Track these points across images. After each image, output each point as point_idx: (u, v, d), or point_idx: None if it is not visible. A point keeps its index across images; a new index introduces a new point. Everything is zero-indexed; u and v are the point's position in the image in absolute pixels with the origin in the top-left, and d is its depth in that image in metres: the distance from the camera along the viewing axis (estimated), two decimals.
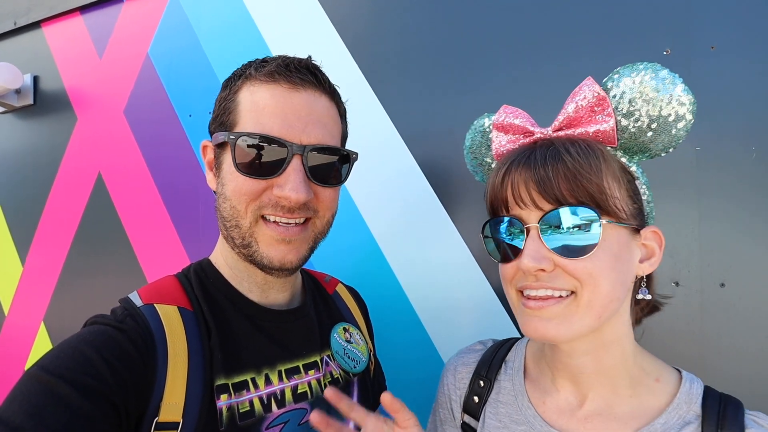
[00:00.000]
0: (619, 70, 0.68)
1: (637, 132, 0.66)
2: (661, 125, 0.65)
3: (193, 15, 1.72)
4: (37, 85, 2.03)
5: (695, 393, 0.68)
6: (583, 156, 0.63)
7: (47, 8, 1.97)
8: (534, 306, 0.66)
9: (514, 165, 0.66)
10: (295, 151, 0.73)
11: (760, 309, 1.00)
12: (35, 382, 0.59)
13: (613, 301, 0.65)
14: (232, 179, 0.75)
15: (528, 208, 0.65)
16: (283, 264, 0.78)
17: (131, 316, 0.70)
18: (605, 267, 0.63)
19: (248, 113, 0.75)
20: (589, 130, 0.67)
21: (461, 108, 1.30)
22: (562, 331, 0.64)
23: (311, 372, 0.84)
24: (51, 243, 1.93)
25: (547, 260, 0.63)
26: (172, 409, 0.67)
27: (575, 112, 0.67)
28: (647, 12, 1.12)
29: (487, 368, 0.85)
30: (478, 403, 0.82)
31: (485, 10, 1.29)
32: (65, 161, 1.93)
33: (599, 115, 0.67)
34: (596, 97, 0.66)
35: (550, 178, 0.62)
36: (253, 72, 0.77)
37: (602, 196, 0.62)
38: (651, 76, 0.64)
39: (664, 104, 0.64)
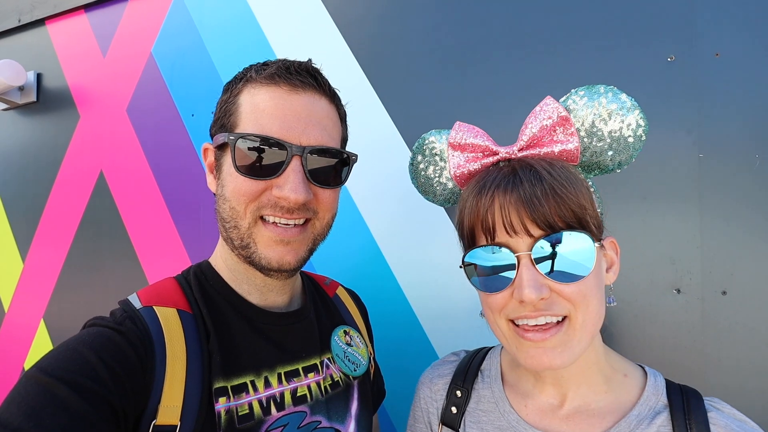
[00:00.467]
0: (579, 91, 0.71)
1: (599, 151, 0.70)
2: (622, 145, 0.69)
3: (197, 14, 1.72)
4: (40, 83, 2.03)
5: (660, 385, 0.72)
6: (564, 177, 0.64)
7: (51, 6, 1.97)
8: (536, 338, 0.65)
9: (499, 189, 0.65)
10: (294, 152, 0.73)
11: (761, 317, 1.00)
12: (34, 383, 0.59)
13: (601, 318, 0.67)
14: (232, 180, 0.76)
15: (518, 235, 0.64)
16: (281, 265, 0.77)
17: (130, 319, 0.70)
18: (594, 287, 0.65)
19: (248, 115, 0.75)
20: (555, 149, 0.69)
21: (463, 110, 1.30)
22: (565, 358, 0.65)
23: (311, 375, 0.84)
24: (52, 241, 1.93)
25: (546, 288, 0.63)
26: (170, 412, 0.66)
27: (540, 131, 0.69)
28: (652, 18, 1.12)
29: (463, 378, 0.85)
30: (456, 414, 0.82)
31: (488, 13, 1.29)
32: (67, 159, 1.93)
33: (563, 135, 0.69)
34: (560, 117, 0.68)
35: (542, 204, 0.62)
36: (253, 75, 0.77)
37: (584, 217, 0.64)
38: (612, 99, 0.68)
39: (624, 126, 0.68)
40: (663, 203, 1.08)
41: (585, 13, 1.18)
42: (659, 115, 1.09)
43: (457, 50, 1.33)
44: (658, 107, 1.09)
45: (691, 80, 1.07)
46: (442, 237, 1.30)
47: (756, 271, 1.01)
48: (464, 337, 1.26)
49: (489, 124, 1.26)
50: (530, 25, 1.24)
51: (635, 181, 1.10)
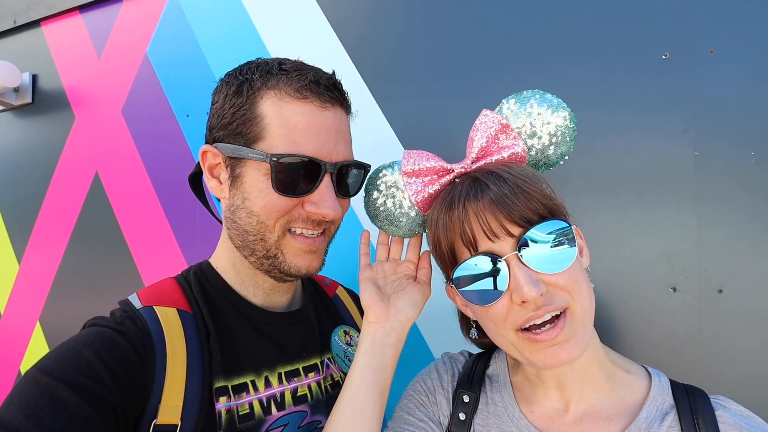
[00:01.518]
0: (509, 99, 0.77)
1: (542, 148, 0.75)
2: (559, 138, 0.75)
3: (192, 16, 1.71)
4: (35, 84, 2.02)
5: (665, 385, 0.73)
6: (523, 173, 0.67)
7: (47, 7, 1.96)
8: (550, 336, 0.64)
9: (468, 198, 0.66)
10: (328, 169, 0.75)
11: (757, 314, 1.01)
12: (34, 384, 0.59)
13: (593, 302, 0.68)
14: (263, 196, 0.74)
15: (500, 239, 0.64)
16: (309, 271, 0.81)
17: (130, 318, 0.70)
18: (580, 271, 0.67)
19: (279, 130, 0.73)
20: (504, 154, 0.74)
21: (460, 112, 1.30)
22: (575, 351, 0.65)
23: (311, 374, 0.84)
24: (47, 242, 1.92)
25: (542, 283, 0.63)
26: (171, 411, 0.67)
27: (487, 141, 0.74)
28: (646, 16, 1.12)
29: (470, 383, 0.84)
30: (464, 420, 0.81)
31: (484, 14, 1.30)
32: (63, 160, 1.92)
33: (507, 140, 0.75)
34: (501, 125, 0.74)
35: (514, 202, 0.63)
36: (280, 84, 0.75)
37: (556, 207, 0.66)
38: (540, 101, 0.75)
39: (558, 121, 0.74)
40: (659, 201, 1.09)
41: (580, 12, 1.19)
42: (654, 113, 1.10)
43: (454, 52, 1.33)
44: (653, 105, 1.10)
45: (685, 78, 1.08)
46: None
47: (752, 269, 1.02)
48: (460, 338, 1.26)
49: None
50: (526, 26, 1.25)
51: (631, 179, 1.11)
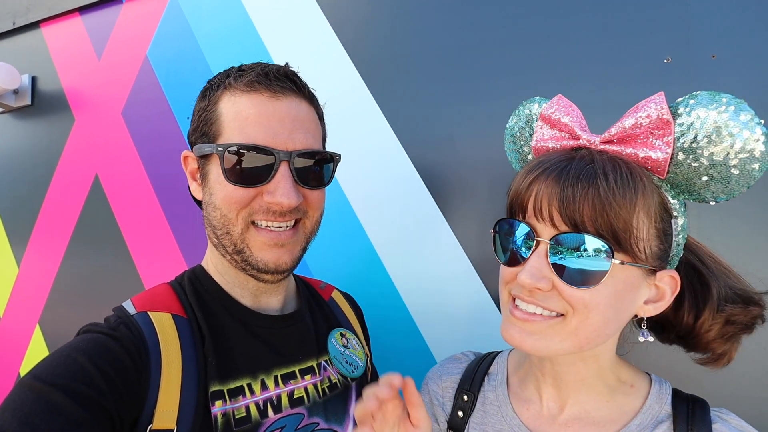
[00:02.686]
0: (698, 95, 0.59)
1: (692, 173, 0.58)
2: (721, 174, 0.56)
3: (193, 17, 1.71)
4: (34, 86, 2.02)
5: (664, 393, 0.71)
6: (620, 186, 0.57)
7: (46, 8, 1.96)
8: (519, 317, 0.65)
9: (544, 174, 0.63)
10: (282, 157, 0.75)
11: None
12: (28, 390, 0.59)
13: (600, 336, 0.64)
14: (221, 188, 0.76)
15: (544, 222, 0.62)
16: (278, 266, 0.79)
17: (124, 324, 0.70)
18: (603, 302, 0.61)
19: (232, 123, 0.76)
20: (639, 153, 0.60)
21: (460, 114, 1.30)
22: (538, 347, 0.64)
23: (307, 377, 0.84)
24: (47, 245, 1.92)
25: (546, 280, 0.61)
26: (166, 416, 0.67)
27: (632, 128, 0.60)
28: (648, 20, 1.12)
29: (470, 382, 0.85)
30: (462, 418, 0.83)
31: (485, 17, 1.29)
32: (62, 163, 1.92)
33: (657, 140, 0.59)
34: (660, 119, 0.58)
35: (575, 201, 0.58)
36: (232, 82, 0.78)
37: (625, 234, 0.58)
38: (729, 114, 0.55)
39: (731, 152, 0.55)
40: None
41: (582, 15, 1.19)
42: None
43: (454, 53, 1.33)
44: None
45: (687, 82, 1.08)
46: (440, 241, 1.30)
47: (752, 271, 1.01)
48: (462, 340, 1.26)
49: (486, 125, 1.27)
50: (527, 27, 1.24)
51: None
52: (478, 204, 1.26)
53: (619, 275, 0.60)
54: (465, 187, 1.28)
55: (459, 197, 1.29)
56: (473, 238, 1.26)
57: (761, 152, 0.55)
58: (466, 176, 1.28)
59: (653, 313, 0.66)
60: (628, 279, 0.61)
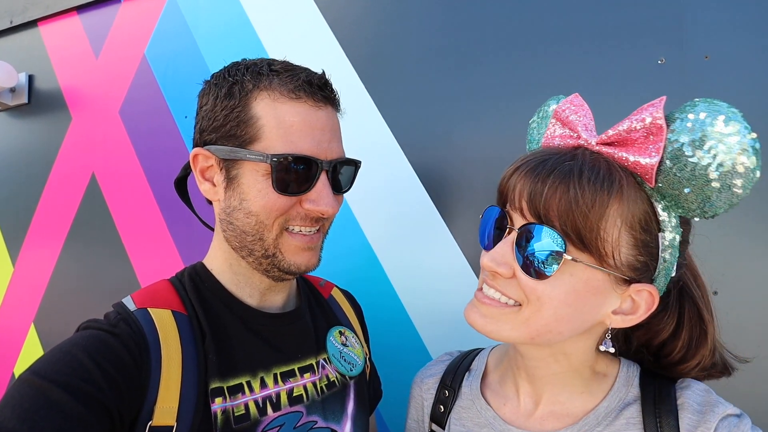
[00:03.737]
0: (698, 102, 0.57)
1: (675, 181, 0.56)
2: (701, 187, 0.53)
3: (191, 16, 1.72)
4: (32, 84, 2.02)
5: (632, 375, 0.72)
6: (592, 185, 0.57)
7: (44, 7, 1.96)
8: (479, 298, 0.69)
9: (524, 166, 0.65)
10: (324, 167, 0.77)
11: (752, 316, 1.01)
12: (27, 386, 0.59)
13: (552, 333, 0.64)
14: (262, 196, 0.75)
15: (517, 212, 0.65)
16: (308, 267, 0.82)
17: (124, 321, 0.70)
18: (557, 298, 0.61)
19: (275, 130, 0.74)
20: (630, 158, 0.58)
21: (458, 114, 1.31)
22: (488, 329, 0.66)
23: (307, 375, 0.84)
24: (42, 244, 1.91)
25: (506, 266, 0.63)
26: (166, 413, 0.67)
27: (627, 131, 0.59)
28: (642, 21, 1.13)
29: (452, 377, 0.87)
30: (443, 412, 0.84)
31: (482, 16, 1.30)
32: (59, 161, 1.92)
33: (650, 145, 0.57)
34: (653, 125, 0.56)
35: (542, 195, 0.60)
36: (272, 84, 0.75)
37: (590, 235, 0.57)
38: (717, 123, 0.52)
39: (713, 163, 0.52)
40: None
41: (576, 16, 1.20)
42: None
43: (451, 53, 1.33)
44: None
45: (681, 83, 1.09)
46: (437, 240, 1.31)
47: (746, 271, 1.03)
48: (457, 338, 1.26)
49: (484, 126, 1.28)
50: (523, 28, 1.25)
51: None
52: (474, 201, 1.27)
53: (579, 275, 0.60)
54: (461, 185, 1.29)
55: (455, 195, 1.30)
56: (469, 236, 1.27)
57: (745, 168, 0.51)
58: (462, 174, 1.29)
59: (621, 326, 0.65)
60: (590, 281, 0.61)
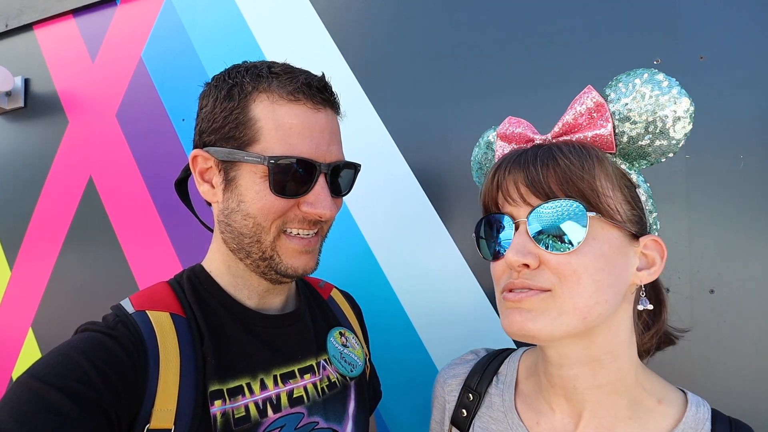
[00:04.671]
0: (619, 76, 0.68)
1: (636, 137, 0.65)
2: (659, 129, 0.63)
3: (187, 18, 1.72)
4: (28, 88, 2.01)
5: (702, 418, 0.64)
6: (575, 155, 0.62)
7: (39, 11, 1.96)
8: (512, 297, 0.63)
9: (504, 164, 0.66)
10: (322, 170, 0.76)
11: (749, 315, 1.02)
12: (25, 389, 0.58)
13: (599, 303, 0.60)
14: (260, 198, 0.75)
15: (517, 204, 0.64)
16: (306, 271, 0.82)
17: (122, 323, 0.70)
18: (591, 265, 0.60)
19: (273, 132, 0.74)
20: (588, 134, 0.66)
21: (455, 115, 1.31)
22: (540, 324, 0.61)
23: (307, 376, 0.84)
24: (40, 248, 1.91)
25: (532, 255, 0.61)
26: (164, 416, 0.66)
27: (573, 119, 0.67)
28: (637, 22, 1.14)
29: (478, 380, 0.83)
30: (466, 417, 0.80)
31: (479, 19, 1.31)
32: (56, 165, 1.91)
33: (598, 121, 0.65)
34: (594, 103, 0.65)
35: (540, 174, 0.62)
36: (271, 87, 0.75)
37: (593, 194, 0.61)
38: (646, 80, 0.64)
39: (659, 108, 0.63)
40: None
41: (572, 17, 1.20)
42: None
43: (448, 54, 1.34)
44: None
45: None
46: (435, 240, 1.31)
47: (742, 270, 1.03)
48: (457, 339, 1.27)
49: (482, 127, 1.28)
50: (520, 29, 1.26)
51: None
52: (473, 203, 1.27)
53: (601, 236, 0.61)
54: (460, 187, 1.29)
55: (454, 196, 1.30)
56: (468, 237, 1.27)
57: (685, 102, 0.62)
58: (461, 175, 1.29)
59: (649, 279, 0.65)
60: (612, 240, 0.62)
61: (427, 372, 1.28)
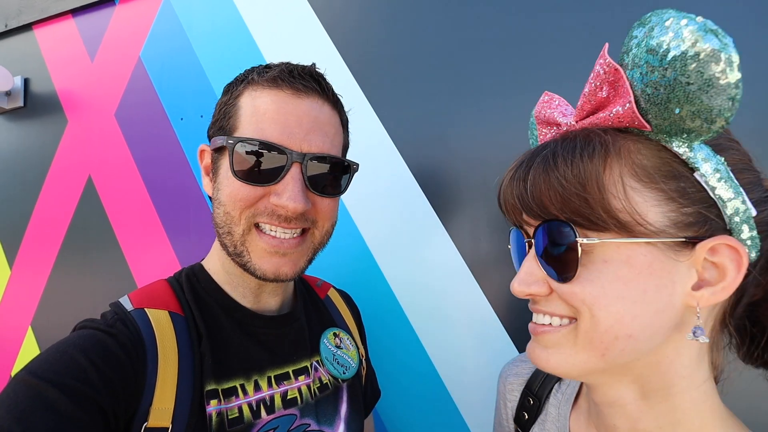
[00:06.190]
0: (632, 29, 0.53)
1: (663, 111, 0.46)
2: (673, 83, 0.44)
3: (186, 18, 1.72)
4: (27, 88, 2.01)
5: None
6: (571, 161, 0.50)
7: (38, 11, 1.96)
8: (532, 329, 0.57)
9: (506, 177, 0.58)
10: (294, 158, 0.72)
11: None
12: (23, 386, 0.59)
13: (620, 339, 0.49)
14: (228, 184, 0.74)
15: (527, 222, 0.57)
16: (277, 276, 0.76)
17: (121, 321, 0.70)
18: (605, 295, 0.49)
19: (249, 118, 0.74)
20: (610, 114, 0.51)
21: (453, 114, 1.31)
22: (553, 362, 0.54)
23: (301, 378, 0.84)
24: (39, 247, 1.91)
25: (540, 283, 0.54)
26: (162, 414, 0.66)
27: (592, 93, 0.53)
28: (631, 24, 1.14)
29: (540, 385, 0.76)
30: (527, 420, 0.76)
31: (477, 18, 1.31)
32: (55, 164, 1.92)
33: (615, 94, 0.51)
34: (607, 72, 0.51)
35: (528, 194, 0.52)
36: (255, 77, 0.76)
37: (591, 210, 0.48)
38: (661, 29, 0.46)
39: (668, 54, 0.44)
40: None
41: (569, 17, 1.20)
42: None
43: (447, 54, 1.34)
44: None
45: None
46: (434, 242, 1.31)
47: None
48: (455, 339, 1.27)
49: (481, 127, 1.28)
50: (518, 29, 1.26)
51: None
52: (472, 204, 1.27)
53: (614, 258, 0.49)
54: (458, 187, 1.29)
55: (452, 196, 1.30)
56: (467, 238, 1.28)
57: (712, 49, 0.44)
58: (460, 176, 1.29)
59: (712, 301, 0.49)
60: (633, 260, 0.48)
61: (425, 372, 1.28)
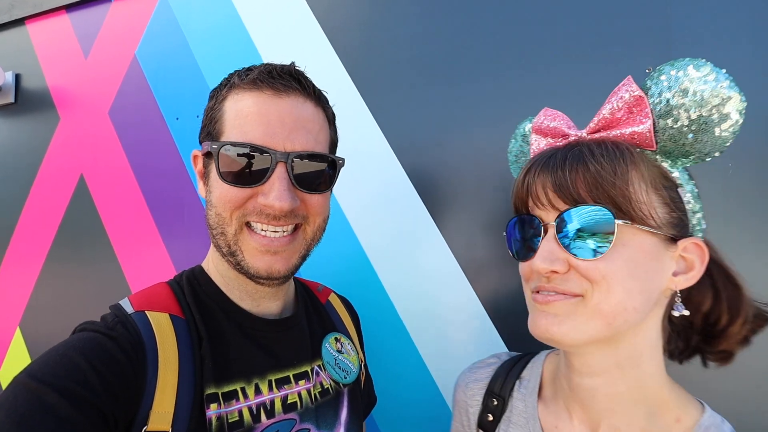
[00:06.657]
0: (661, 66, 0.63)
1: (677, 134, 0.60)
2: (702, 126, 0.59)
3: (182, 16, 1.70)
4: (18, 83, 1.98)
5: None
6: (608, 158, 0.60)
7: (32, 5, 1.93)
8: (541, 300, 0.64)
9: (534, 166, 0.65)
10: (278, 158, 0.73)
11: None
12: (22, 389, 0.58)
13: (628, 311, 0.60)
14: (218, 187, 0.76)
15: (546, 208, 0.64)
16: (270, 274, 0.77)
17: (122, 323, 0.69)
18: (621, 271, 0.59)
19: (232, 122, 0.75)
20: (625, 131, 0.62)
21: (451, 118, 1.32)
22: (565, 329, 0.61)
23: (301, 382, 0.84)
24: (29, 246, 1.88)
25: (561, 261, 0.61)
26: (162, 418, 0.66)
27: (611, 113, 0.64)
28: (629, 30, 1.16)
29: (501, 385, 0.81)
30: (492, 421, 0.80)
31: (474, 22, 1.32)
32: (46, 162, 1.88)
33: (637, 116, 0.62)
34: (633, 97, 0.62)
35: (567, 179, 0.60)
36: (236, 80, 0.77)
37: (624, 200, 0.59)
38: (691, 71, 0.59)
39: (704, 105, 0.58)
40: None
41: (564, 25, 1.22)
42: None
43: (443, 57, 1.35)
44: None
45: None
46: (429, 245, 1.31)
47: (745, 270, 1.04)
48: (451, 342, 1.27)
49: (477, 131, 1.29)
50: (514, 37, 1.27)
51: None
52: (467, 208, 1.28)
53: (631, 242, 0.60)
54: (455, 191, 1.30)
55: (449, 201, 1.31)
56: (462, 242, 1.28)
57: (735, 97, 0.58)
58: (456, 180, 1.30)
59: (685, 285, 0.63)
60: (643, 246, 0.60)
61: (421, 378, 1.28)
